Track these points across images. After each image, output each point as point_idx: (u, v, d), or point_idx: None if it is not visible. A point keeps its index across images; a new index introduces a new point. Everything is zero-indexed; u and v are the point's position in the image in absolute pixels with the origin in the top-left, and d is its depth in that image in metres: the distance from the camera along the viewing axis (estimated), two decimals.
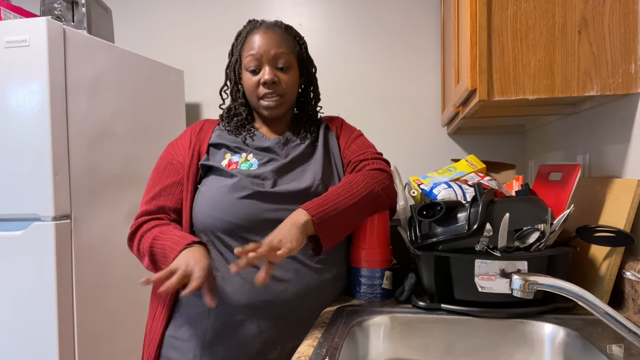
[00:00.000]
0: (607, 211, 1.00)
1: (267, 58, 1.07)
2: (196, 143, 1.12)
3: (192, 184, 1.08)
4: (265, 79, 1.07)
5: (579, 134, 1.29)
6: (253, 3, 2.20)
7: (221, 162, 1.08)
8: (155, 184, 1.10)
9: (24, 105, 1.43)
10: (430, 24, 2.07)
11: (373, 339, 0.93)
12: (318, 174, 1.07)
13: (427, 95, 2.08)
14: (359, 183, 1.03)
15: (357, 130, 1.23)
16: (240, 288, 0.99)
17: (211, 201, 1.03)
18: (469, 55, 0.99)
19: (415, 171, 1.72)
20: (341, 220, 0.98)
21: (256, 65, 1.08)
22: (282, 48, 1.09)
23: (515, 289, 0.70)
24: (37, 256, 1.43)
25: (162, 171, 1.11)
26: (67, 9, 1.74)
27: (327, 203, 0.97)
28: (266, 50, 1.07)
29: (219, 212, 1.01)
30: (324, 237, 0.95)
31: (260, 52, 1.07)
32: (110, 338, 1.64)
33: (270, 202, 1.02)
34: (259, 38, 1.08)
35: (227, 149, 1.11)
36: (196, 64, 2.24)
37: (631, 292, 0.89)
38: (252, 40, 1.09)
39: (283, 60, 1.09)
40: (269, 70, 1.07)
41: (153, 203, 1.07)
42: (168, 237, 0.99)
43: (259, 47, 1.07)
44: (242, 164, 1.07)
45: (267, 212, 1.01)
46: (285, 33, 1.12)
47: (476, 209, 0.92)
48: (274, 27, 1.12)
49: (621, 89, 0.95)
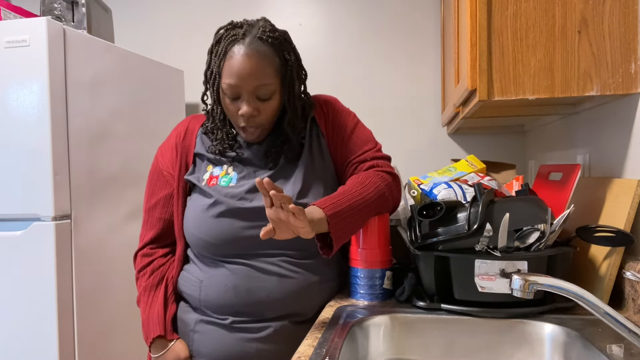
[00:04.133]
0: (607, 211, 1.00)
1: (247, 89, 0.97)
2: (182, 153, 1.11)
3: (182, 197, 1.10)
4: (244, 111, 0.98)
5: (579, 134, 1.29)
6: (253, 3, 2.20)
7: (203, 175, 1.08)
8: (151, 195, 1.13)
9: (24, 105, 1.43)
10: (430, 24, 2.07)
11: (373, 339, 0.93)
12: (297, 186, 1.03)
13: (427, 95, 2.08)
14: (370, 185, 1.02)
15: (350, 117, 1.13)
16: (224, 294, 1.01)
17: (192, 220, 1.05)
18: (469, 55, 0.99)
19: (415, 171, 1.72)
20: (352, 221, 0.96)
21: (235, 93, 0.98)
22: (263, 79, 0.97)
23: (515, 289, 0.70)
24: (37, 256, 1.43)
25: (156, 182, 1.13)
26: (67, 9, 1.74)
27: (342, 203, 0.95)
28: (247, 81, 0.96)
29: (198, 231, 1.04)
30: (336, 237, 0.93)
31: (240, 83, 0.96)
32: (110, 338, 1.64)
33: (247, 220, 1.01)
34: (239, 64, 0.96)
35: (208, 161, 1.10)
36: (196, 64, 2.24)
37: (631, 292, 0.89)
38: (232, 65, 0.96)
39: (264, 92, 0.98)
40: (248, 102, 0.98)
41: (150, 222, 1.13)
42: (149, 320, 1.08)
43: (239, 77, 0.96)
44: (222, 178, 1.06)
45: (244, 229, 1.01)
46: (271, 50, 0.98)
47: (476, 209, 0.92)
48: (258, 46, 0.97)
49: (621, 89, 0.95)
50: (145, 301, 1.09)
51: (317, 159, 1.09)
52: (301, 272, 1.03)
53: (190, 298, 1.06)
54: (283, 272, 1.01)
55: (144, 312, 1.09)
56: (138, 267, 1.13)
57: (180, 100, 2.11)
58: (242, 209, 1.01)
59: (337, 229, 0.92)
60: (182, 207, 1.10)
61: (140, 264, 1.13)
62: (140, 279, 1.12)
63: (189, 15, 2.27)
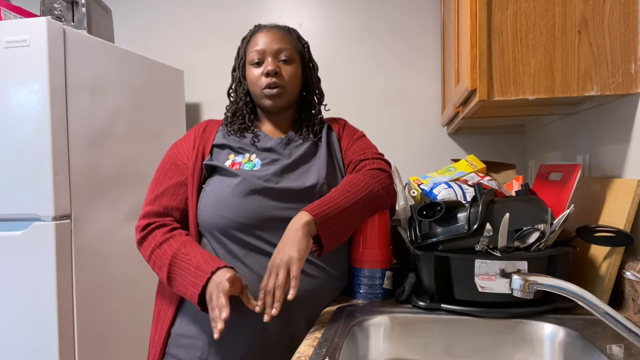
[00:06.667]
0: (607, 211, 1.00)
1: (270, 51, 1.11)
2: (200, 143, 1.13)
3: (197, 184, 1.09)
4: (268, 69, 1.09)
5: (579, 134, 1.29)
6: (253, 3, 2.20)
7: (225, 162, 1.09)
8: (159, 184, 1.10)
9: (24, 105, 1.43)
10: (430, 24, 2.07)
11: (373, 339, 0.93)
12: (322, 173, 1.08)
13: (427, 95, 2.08)
14: (359, 183, 1.04)
15: (359, 131, 1.23)
16: (249, 284, 1.00)
17: (216, 200, 1.04)
18: (469, 55, 0.99)
19: (415, 171, 1.72)
20: (342, 219, 0.99)
21: (259, 58, 1.11)
22: (284, 43, 1.13)
23: (515, 289, 0.70)
24: (37, 256, 1.43)
25: (167, 171, 1.11)
26: (67, 9, 1.74)
27: (329, 203, 0.99)
28: (269, 44, 1.11)
29: (224, 211, 1.02)
30: (325, 236, 0.96)
31: (263, 47, 1.11)
32: (110, 338, 1.64)
33: (275, 200, 1.03)
34: (262, 35, 1.13)
35: (230, 149, 1.12)
36: (196, 64, 2.24)
37: (631, 292, 0.89)
38: (256, 38, 1.13)
39: (286, 53, 1.12)
40: (271, 61, 1.11)
41: (157, 203, 1.07)
42: (189, 266, 0.97)
43: (263, 42, 1.12)
44: (246, 164, 1.08)
45: (272, 210, 1.02)
46: (289, 33, 1.16)
47: (476, 209, 0.92)
48: (277, 27, 1.16)
49: (621, 89, 0.95)
50: (172, 258, 0.99)
51: (334, 156, 1.15)
52: (319, 270, 1.04)
53: None
54: (306, 270, 1.02)
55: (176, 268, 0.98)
56: (143, 231, 1.04)
57: (180, 100, 2.10)
58: (269, 188, 1.03)
59: (326, 227, 0.96)
60: (197, 194, 1.07)
61: (144, 227, 1.05)
62: (153, 236, 1.03)
63: (189, 15, 2.27)
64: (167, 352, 1.06)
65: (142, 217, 1.08)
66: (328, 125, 1.21)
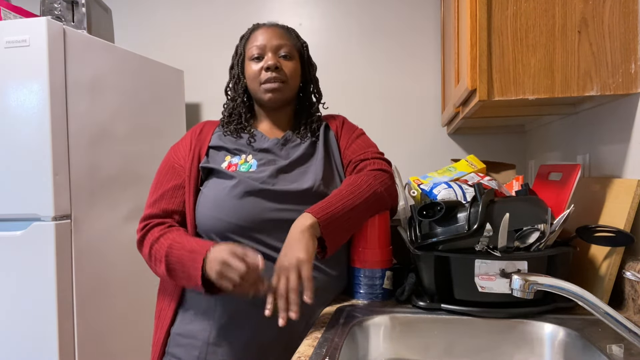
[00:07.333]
0: (607, 211, 1.00)
1: (270, 47, 1.11)
2: (196, 145, 1.13)
3: (194, 187, 1.09)
4: (269, 63, 1.10)
5: (579, 134, 1.29)
6: (253, 3, 2.20)
7: (221, 164, 1.09)
8: (157, 188, 1.11)
9: (24, 105, 1.43)
10: (430, 24, 2.07)
11: (373, 339, 0.93)
12: (319, 174, 1.07)
13: (427, 95, 2.08)
14: (362, 184, 1.03)
15: (358, 129, 1.22)
16: None
17: (213, 203, 1.04)
18: (469, 55, 0.99)
19: (415, 171, 1.72)
20: (346, 221, 0.98)
21: (259, 53, 1.12)
22: (284, 40, 1.13)
23: (515, 289, 0.70)
24: (37, 256, 1.43)
25: (165, 174, 1.12)
26: (67, 9, 1.74)
27: (332, 205, 0.98)
28: (269, 40, 1.12)
29: (221, 214, 1.02)
30: (329, 239, 0.96)
31: (263, 42, 1.12)
32: (110, 338, 1.64)
33: (271, 201, 1.02)
34: (262, 32, 1.14)
35: (226, 151, 1.12)
36: (196, 64, 2.24)
37: (631, 292, 0.89)
38: (256, 34, 1.14)
39: (286, 49, 1.12)
40: (272, 56, 1.11)
41: (156, 206, 1.08)
42: (184, 252, 0.97)
43: (263, 38, 1.12)
44: (242, 165, 1.08)
45: (268, 211, 1.02)
46: (288, 31, 1.17)
47: (476, 209, 0.92)
48: (277, 25, 1.17)
49: (621, 89, 0.95)
50: (170, 244, 1.00)
51: (332, 156, 1.14)
52: (317, 270, 1.03)
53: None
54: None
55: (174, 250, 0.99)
56: (142, 232, 1.06)
57: (180, 100, 2.11)
58: (266, 190, 1.02)
59: (330, 230, 0.96)
60: (194, 197, 1.08)
61: (143, 228, 1.06)
62: (151, 233, 1.04)
63: (189, 15, 2.27)
64: (167, 351, 1.07)
65: (142, 220, 1.09)
66: (326, 124, 1.20)
